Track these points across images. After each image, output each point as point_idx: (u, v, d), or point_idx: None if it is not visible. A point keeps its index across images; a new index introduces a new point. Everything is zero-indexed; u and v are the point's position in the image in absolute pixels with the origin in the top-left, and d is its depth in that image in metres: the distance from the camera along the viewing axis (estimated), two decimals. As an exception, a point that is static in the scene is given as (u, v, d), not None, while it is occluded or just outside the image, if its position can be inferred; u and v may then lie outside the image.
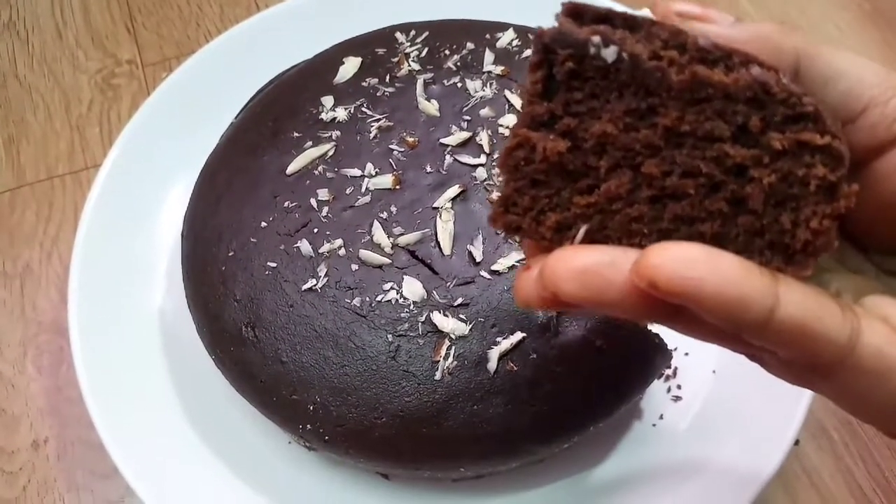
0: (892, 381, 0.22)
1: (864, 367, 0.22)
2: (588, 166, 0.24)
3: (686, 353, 0.49)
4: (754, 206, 0.22)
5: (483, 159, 0.45)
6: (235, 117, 0.53)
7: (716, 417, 0.47)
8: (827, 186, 0.22)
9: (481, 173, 0.45)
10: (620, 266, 0.22)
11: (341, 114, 0.48)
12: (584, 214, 0.24)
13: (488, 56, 0.50)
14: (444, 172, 0.45)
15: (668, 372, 0.49)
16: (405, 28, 0.53)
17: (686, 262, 0.20)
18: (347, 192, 0.45)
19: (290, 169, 0.46)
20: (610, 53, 0.22)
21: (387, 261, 0.43)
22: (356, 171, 0.46)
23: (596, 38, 0.22)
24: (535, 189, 0.24)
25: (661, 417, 0.47)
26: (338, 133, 0.48)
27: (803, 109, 0.21)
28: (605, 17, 0.23)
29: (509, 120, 0.47)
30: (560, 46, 0.22)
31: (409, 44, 0.52)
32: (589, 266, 0.22)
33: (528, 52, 0.50)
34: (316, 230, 0.44)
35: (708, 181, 0.23)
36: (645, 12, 0.25)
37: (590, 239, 0.24)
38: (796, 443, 0.47)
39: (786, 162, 0.22)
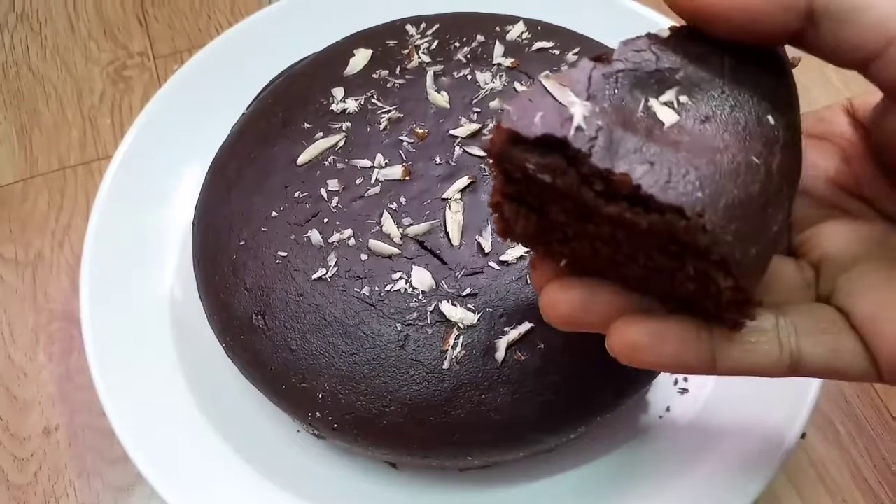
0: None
1: (815, 373, 0.26)
2: (560, 226, 0.27)
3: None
4: (683, 287, 0.26)
5: (492, 151, 0.46)
6: (246, 108, 0.53)
7: (722, 410, 0.47)
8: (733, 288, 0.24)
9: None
10: (594, 310, 0.28)
11: (351, 105, 0.49)
12: (563, 252, 0.28)
13: (498, 48, 0.50)
14: (453, 164, 0.46)
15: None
16: (415, 21, 0.53)
17: (634, 349, 0.26)
18: (357, 182, 0.46)
19: (301, 159, 0.47)
20: (546, 177, 0.24)
21: (396, 251, 0.43)
22: (366, 162, 0.46)
23: (531, 166, 0.24)
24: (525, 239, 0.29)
25: (667, 409, 0.48)
26: (348, 124, 0.48)
27: (711, 258, 0.23)
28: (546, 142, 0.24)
29: None
30: (507, 162, 0.25)
31: (419, 36, 0.52)
32: (568, 314, 0.28)
33: (538, 45, 0.50)
34: (326, 220, 0.44)
35: (646, 264, 0.26)
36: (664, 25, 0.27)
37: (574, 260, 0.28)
38: (803, 436, 0.47)
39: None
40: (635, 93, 0.25)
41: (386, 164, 0.46)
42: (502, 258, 0.42)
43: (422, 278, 0.42)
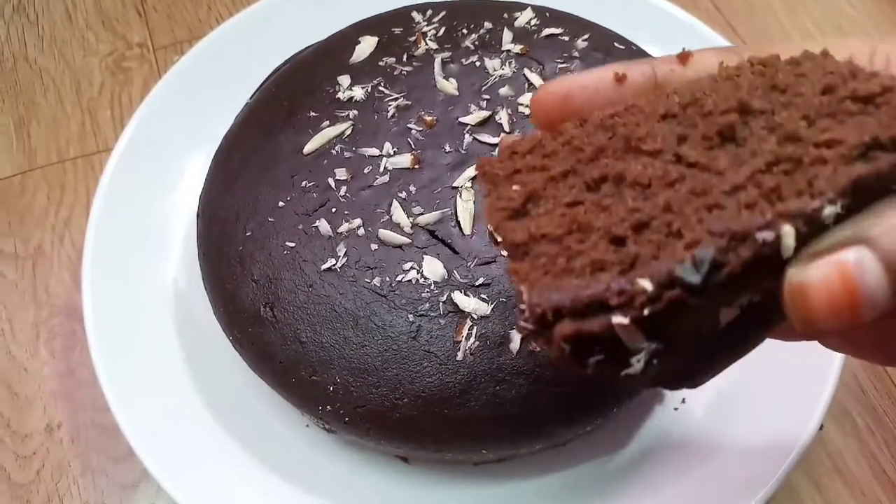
0: None
1: None
2: None
3: (708, 337, 0.48)
4: None
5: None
6: (250, 98, 0.52)
7: (739, 402, 0.46)
8: None
9: (502, 152, 0.44)
10: None
11: (358, 93, 0.48)
12: None
13: (507, 35, 0.49)
14: (463, 151, 0.45)
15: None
16: (421, 8, 0.52)
17: None
18: (366, 171, 0.45)
19: (308, 148, 0.46)
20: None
21: (406, 240, 0.42)
22: (374, 151, 0.45)
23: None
24: None
25: (683, 401, 0.47)
26: (355, 112, 0.47)
27: None
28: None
29: (528, 99, 0.47)
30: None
31: (425, 23, 0.51)
32: None
33: (547, 31, 0.49)
34: (334, 210, 0.44)
35: None
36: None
37: None
38: (820, 427, 0.46)
39: None
40: None
41: (394, 152, 0.45)
42: (515, 247, 0.41)
43: (433, 268, 0.41)
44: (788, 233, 0.20)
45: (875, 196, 0.21)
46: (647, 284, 0.20)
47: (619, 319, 0.20)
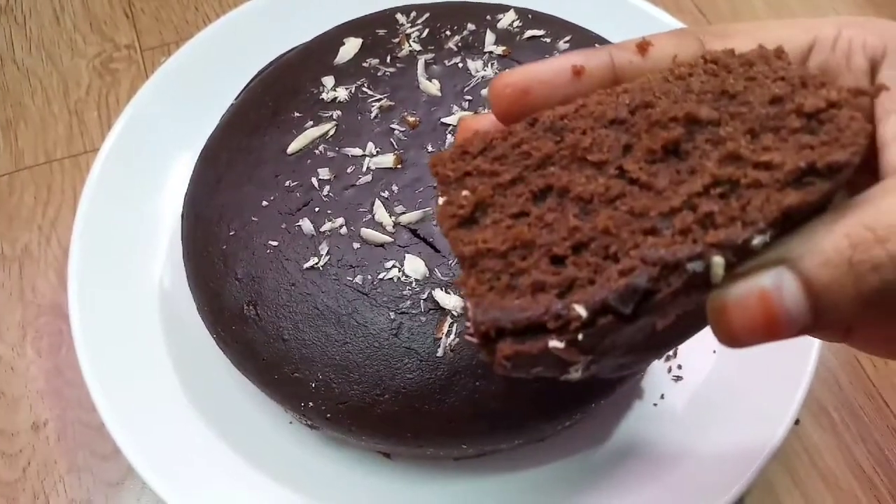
0: None
1: None
2: None
3: (687, 334, 0.49)
4: None
5: (485, 138, 0.45)
6: (235, 99, 0.52)
7: (716, 397, 0.47)
8: None
9: (483, 152, 0.45)
10: None
11: (342, 94, 0.48)
12: None
13: (489, 37, 0.50)
14: (445, 151, 0.45)
15: (669, 353, 0.49)
16: (405, 10, 0.53)
17: None
18: (349, 171, 0.45)
19: (291, 148, 0.46)
20: None
21: (388, 239, 0.43)
22: (357, 151, 0.46)
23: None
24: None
25: (661, 397, 0.47)
26: (338, 113, 0.47)
27: None
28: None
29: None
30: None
31: (409, 25, 0.51)
32: None
33: (529, 33, 0.50)
34: (317, 209, 0.44)
35: None
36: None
37: None
38: (797, 422, 0.47)
39: None
40: None
41: (377, 152, 0.46)
42: (496, 245, 0.42)
43: (415, 266, 0.42)
44: (718, 263, 0.21)
45: (806, 218, 0.22)
46: (581, 311, 0.21)
47: (555, 343, 0.21)
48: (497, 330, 0.22)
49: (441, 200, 0.25)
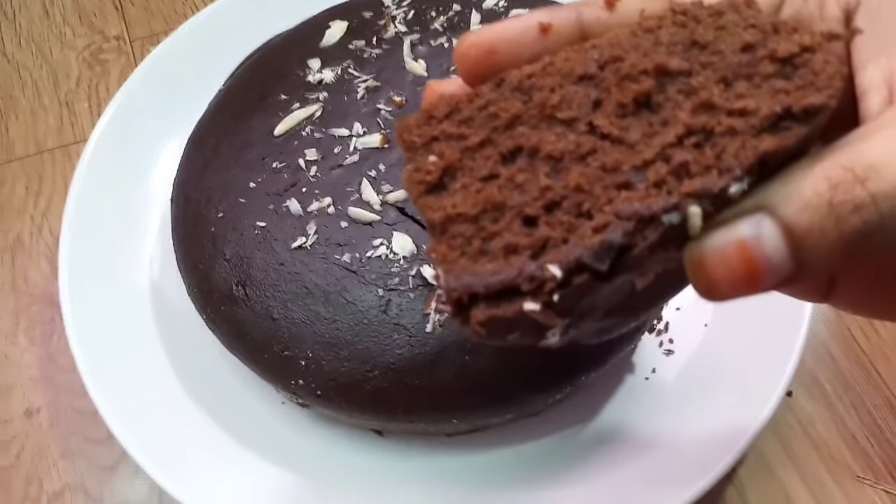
0: None
1: None
2: None
3: (678, 308, 0.49)
4: None
5: (471, 116, 0.45)
6: (223, 84, 0.53)
7: (708, 370, 0.47)
8: None
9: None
10: None
11: (328, 75, 0.48)
12: None
13: (475, 17, 0.50)
14: (432, 130, 0.45)
15: (660, 326, 0.49)
16: (392, -8, 0.53)
17: None
18: (335, 151, 0.45)
19: (278, 130, 0.46)
20: None
21: (376, 217, 0.43)
22: (344, 131, 0.46)
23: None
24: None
25: (653, 371, 0.47)
26: (325, 94, 0.47)
27: None
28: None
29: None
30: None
31: (395, 7, 0.51)
32: None
33: (515, 12, 0.50)
34: (304, 189, 0.44)
35: None
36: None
37: None
38: (789, 394, 0.47)
39: None
40: None
41: (364, 132, 0.46)
42: (483, 221, 0.42)
43: (403, 243, 0.42)
44: (695, 213, 0.20)
45: (785, 164, 0.21)
46: (556, 271, 0.21)
47: (530, 306, 0.21)
48: (470, 296, 0.21)
49: (409, 167, 0.25)
